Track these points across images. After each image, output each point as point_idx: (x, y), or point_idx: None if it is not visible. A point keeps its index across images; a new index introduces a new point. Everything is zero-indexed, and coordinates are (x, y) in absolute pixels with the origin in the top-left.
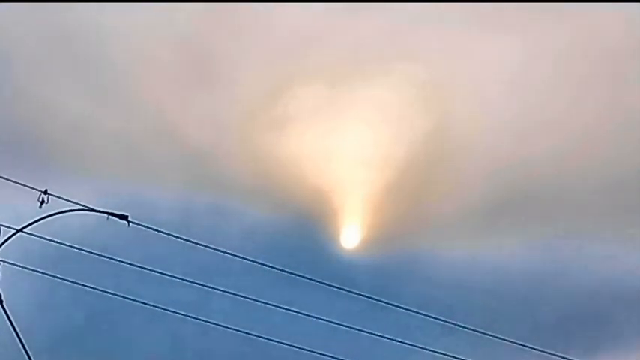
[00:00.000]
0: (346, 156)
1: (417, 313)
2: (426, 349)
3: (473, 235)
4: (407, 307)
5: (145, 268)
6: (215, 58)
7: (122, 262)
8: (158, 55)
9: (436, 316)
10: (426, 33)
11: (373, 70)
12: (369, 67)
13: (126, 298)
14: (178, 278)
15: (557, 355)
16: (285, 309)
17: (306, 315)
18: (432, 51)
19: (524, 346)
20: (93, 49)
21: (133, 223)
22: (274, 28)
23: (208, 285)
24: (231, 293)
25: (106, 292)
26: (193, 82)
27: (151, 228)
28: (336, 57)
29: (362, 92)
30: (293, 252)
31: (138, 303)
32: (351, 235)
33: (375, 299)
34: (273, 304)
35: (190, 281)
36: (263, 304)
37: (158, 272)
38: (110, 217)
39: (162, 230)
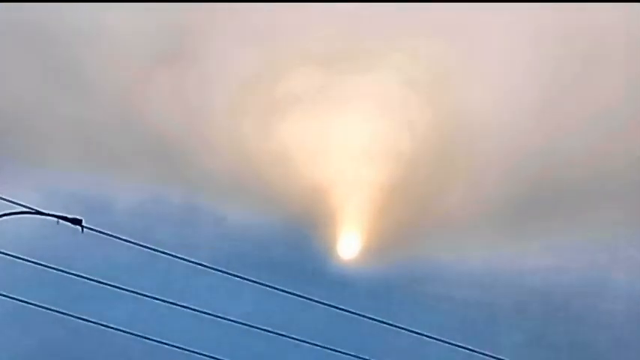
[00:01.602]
0: (345, 149)
1: (429, 337)
2: None
3: (493, 242)
4: (417, 331)
5: (98, 282)
6: (189, 32)
7: (71, 274)
8: (121, 29)
9: (452, 342)
10: (438, 5)
11: (377, 49)
12: (372, 45)
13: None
14: (138, 294)
15: None
16: (271, 332)
17: (299, 340)
18: (444, 26)
19: None
20: (43, 26)
21: (87, 228)
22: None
23: (175, 302)
24: (202, 312)
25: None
26: (163, 59)
27: (109, 235)
28: (334, 34)
29: (363, 75)
30: (280, 262)
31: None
32: (349, 242)
33: (377, 320)
34: (256, 326)
35: (151, 297)
36: (245, 326)
37: (115, 287)
38: (61, 221)
39: (122, 237)
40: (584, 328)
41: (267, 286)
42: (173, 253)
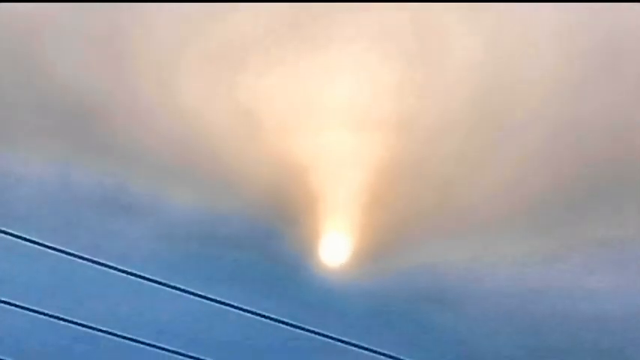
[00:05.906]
0: (329, 113)
1: None
2: None
3: (537, 247)
4: None
5: None
6: None
7: None
8: None
9: None
10: None
11: None
12: None
13: None
14: (38, 312)
15: None
16: None
17: None
18: None
19: None
20: None
21: None
22: None
23: (87, 324)
24: (127, 338)
25: None
26: None
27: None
28: None
29: (357, 9)
30: (238, 269)
31: None
32: (334, 243)
33: (370, 350)
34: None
35: (59, 317)
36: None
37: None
38: None
39: (18, 234)
40: None
41: (218, 302)
42: (88, 257)
